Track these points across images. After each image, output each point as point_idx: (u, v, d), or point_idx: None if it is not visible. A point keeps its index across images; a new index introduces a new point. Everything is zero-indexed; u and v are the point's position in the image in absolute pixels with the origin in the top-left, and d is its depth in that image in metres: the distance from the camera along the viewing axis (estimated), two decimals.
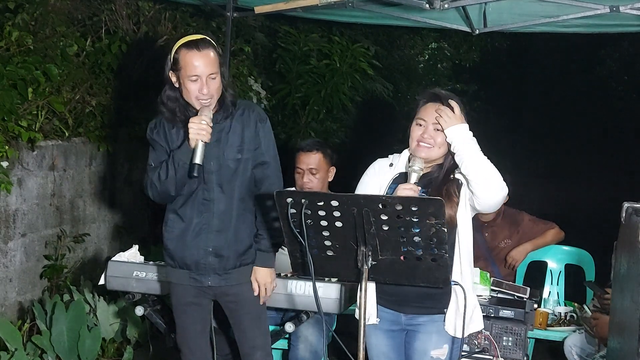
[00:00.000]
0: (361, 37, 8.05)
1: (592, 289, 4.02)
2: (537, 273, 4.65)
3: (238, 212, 3.09)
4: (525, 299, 3.73)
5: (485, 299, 3.57)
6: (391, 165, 2.99)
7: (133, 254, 3.59)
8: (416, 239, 2.38)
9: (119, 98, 5.50)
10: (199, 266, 3.09)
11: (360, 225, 2.36)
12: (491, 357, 3.45)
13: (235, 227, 3.09)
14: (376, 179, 2.97)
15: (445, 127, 2.81)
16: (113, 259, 3.56)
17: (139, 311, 3.47)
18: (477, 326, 2.94)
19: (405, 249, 2.42)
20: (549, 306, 4.24)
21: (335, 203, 2.34)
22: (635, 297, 1.91)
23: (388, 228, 2.36)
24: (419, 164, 2.81)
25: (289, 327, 3.33)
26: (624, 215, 2.11)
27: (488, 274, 3.76)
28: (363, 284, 2.44)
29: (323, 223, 2.39)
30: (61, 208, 5.05)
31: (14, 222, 4.63)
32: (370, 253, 2.41)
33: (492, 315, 3.46)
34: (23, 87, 4.52)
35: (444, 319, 2.87)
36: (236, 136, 3.07)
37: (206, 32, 3.08)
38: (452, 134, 2.80)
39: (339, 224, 2.39)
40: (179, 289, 3.16)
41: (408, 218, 2.33)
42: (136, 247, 3.64)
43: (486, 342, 3.44)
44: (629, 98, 15.47)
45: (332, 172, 4.09)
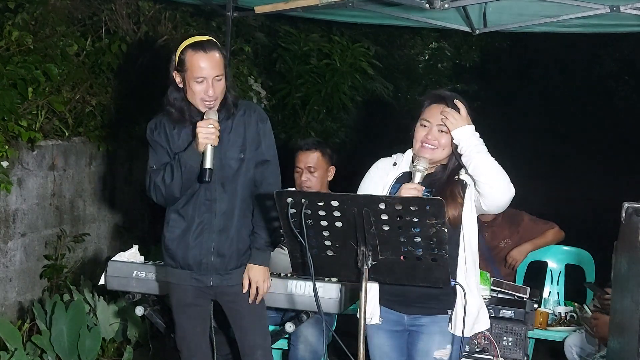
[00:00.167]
0: (361, 37, 8.05)
1: (592, 290, 4.02)
2: (537, 273, 4.65)
3: (240, 212, 3.09)
4: (525, 299, 3.74)
5: (485, 299, 3.57)
6: (395, 164, 2.98)
7: (133, 254, 3.59)
8: (416, 239, 2.38)
9: (119, 98, 5.50)
10: (201, 266, 3.08)
11: (360, 225, 2.36)
12: (491, 357, 3.45)
13: (237, 227, 3.09)
14: (379, 178, 2.97)
15: (452, 129, 2.80)
16: (113, 259, 3.55)
17: (139, 311, 3.47)
18: (484, 326, 2.95)
19: (405, 249, 2.41)
20: (549, 306, 4.24)
21: (335, 203, 2.34)
22: (635, 297, 1.91)
23: (388, 228, 2.36)
24: (423, 164, 2.80)
25: (289, 327, 3.32)
26: (624, 215, 2.11)
27: (488, 274, 3.76)
28: (363, 284, 2.44)
29: (323, 223, 2.39)
30: (61, 208, 5.05)
31: (14, 222, 4.63)
32: (370, 253, 2.41)
33: (492, 315, 3.45)
34: (23, 87, 4.52)
35: (449, 320, 2.87)
36: (238, 136, 3.07)
37: (208, 33, 3.07)
38: (459, 136, 2.80)
39: (339, 224, 2.39)
40: (179, 290, 3.15)
41: (408, 218, 2.33)
42: (136, 247, 3.64)
43: (486, 342, 3.44)
44: (629, 98, 15.46)
45: (332, 172, 4.09)
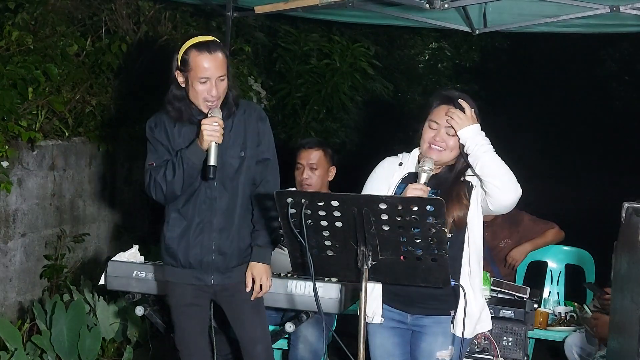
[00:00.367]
0: (361, 37, 8.05)
1: (592, 290, 4.02)
2: (537, 273, 4.65)
3: (241, 210, 3.09)
4: (525, 299, 3.74)
5: (485, 299, 3.57)
6: (400, 164, 2.98)
7: (133, 254, 3.59)
8: (416, 239, 2.38)
9: (119, 98, 5.50)
10: (202, 265, 3.08)
11: (360, 225, 2.35)
12: (491, 357, 3.45)
13: (238, 225, 3.09)
14: (385, 178, 2.97)
15: (457, 129, 2.80)
16: (113, 259, 3.55)
17: (139, 311, 3.47)
18: (486, 327, 2.95)
19: (405, 249, 2.41)
20: (549, 306, 4.24)
21: (335, 203, 2.34)
22: (635, 297, 1.91)
23: (388, 228, 2.36)
24: (430, 165, 2.80)
25: (289, 327, 3.32)
26: (624, 215, 2.11)
27: (488, 274, 3.76)
28: (363, 284, 2.44)
29: (323, 223, 2.39)
30: (61, 208, 5.05)
31: (14, 222, 4.63)
32: (370, 253, 2.41)
33: (492, 315, 3.42)
34: (23, 87, 4.52)
35: (452, 321, 2.87)
36: (238, 135, 3.07)
37: (208, 33, 3.07)
38: (465, 135, 2.79)
39: (339, 224, 2.38)
40: (179, 289, 3.14)
41: (408, 218, 2.33)
42: (136, 247, 3.64)
43: (486, 342, 3.44)
44: (629, 98, 15.47)
45: (333, 172, 4.10)
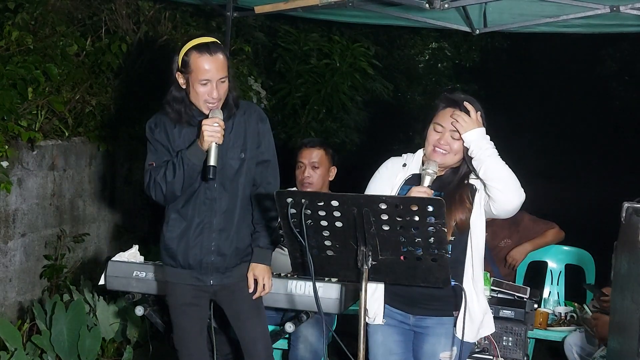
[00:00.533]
0: (361, 37, 8.06)
1: (591, 291, 4.02)
2: (537, 273, 4.65)
3: (241, 211, 3.09)
4: (525, 299, 3.74)
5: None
6: (404, 165, 2.97)
7: (133, 254, 3.59)
8: (416, 239, 2.38)
9: (119, 98, 5.50)
10: (202, 265, 3.08)
11: (360, 225, 2.36)
12: (491, 357, 3.45)
13: (237, 226, 3.09)
14: (388, 179, 2.96)
15: (462, 132, 2.80)
16: (113, 259, 3.55)
17: (139, 311, 3.47)
18: (489, 330, 2.95)
19: (405, 249, 2.41)
20: (549, 306, 4.24)
21: (335, 203, 2.34)
22: (635, 297, 1.91)
23: (388, 228, 2.36)
24: (434, 167, 2.79)
25: (289, 327, 3.32)
26: (624, 215, 2.11)
27: (488, 274, 3.76)
28: (363, 284, 2.44)
29: (323, 223, 2.39)
30: (61, 208, 5.05)
31: (14, 222, 4.63)
32: (370, 253, 2.41)
33: (493, 315, 3.45)
34: (23, 87, 4.52)
35: (454, 323, 2.86)
36: (238, 136, 3.07)
37: (208, 33, 3.07)
38: (470, 139, 2.79)
39: (339, 224, 2.39)
40: (178, 289, 3.14)
41: (408, 218, 2.33)
42: (136, 247, 3.64)
43: (486, 342, 3.43)
44: (629, 98, 15.47)
45: (333, 172, 4.10)
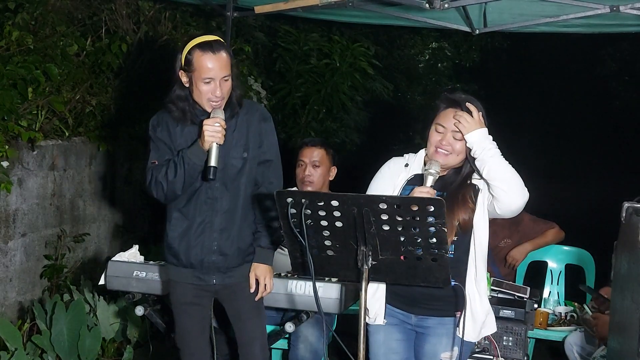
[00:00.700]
0: (361, 37, 8.06)
1: (588, 293, 4.02)
2: (537, 273, 4.65)
3: (242, 211, 3.09)
4: (525, 299, 3.73)
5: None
6: (406, 165, 2.97)
7: (133, 254, 3.59)
8: (416, 239, 2.38)
9: (119, 98, 5.50)
10: (203, 265, 3.08)
11: (360, 225, 2.35)
12: (491, 357, 3.45)
13: (239, 226, 3.09)
14: (390, 178, 2.96)
15: (464, 133, 2.79)
16: (113, 259, 3.55)
17: (139, 311, 3.47)
18: (490, 330, 2.94)
19: (405, 249, 2.41)
20: (549, 306, 4.24)
21: (335, 203, 2.34)
22: (635, 297, 1.91)
23: (388, 228, 2.35)
24: (436, 167, 2.79)
25: (289, 327, 3.32)
26: (624, 215, 2.11)
27: (488, 274, 3.76)
28: (363, 284, 2.44)
29: (323, 223, 2.39)
30: (61, 208, 5.05)
31: (14, 222, 4.63)
32: (370, 253, 2.40)
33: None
34: (23, 87, 4.52)
35: (456, 323, 2.86)
36: (241, 135, 3.07)
37: (209, 33, 3.07)
38: (472, 140, 2.79)
39: (339, 224, 2.38)
40: (180, 288, 3.15)
41: (408, 218, 2.33)
42: (136, 247, 3.64)
43: (486, 342, 3.43)
44: (629, 98, 15.47)
45: (334, 172, 4.11)
